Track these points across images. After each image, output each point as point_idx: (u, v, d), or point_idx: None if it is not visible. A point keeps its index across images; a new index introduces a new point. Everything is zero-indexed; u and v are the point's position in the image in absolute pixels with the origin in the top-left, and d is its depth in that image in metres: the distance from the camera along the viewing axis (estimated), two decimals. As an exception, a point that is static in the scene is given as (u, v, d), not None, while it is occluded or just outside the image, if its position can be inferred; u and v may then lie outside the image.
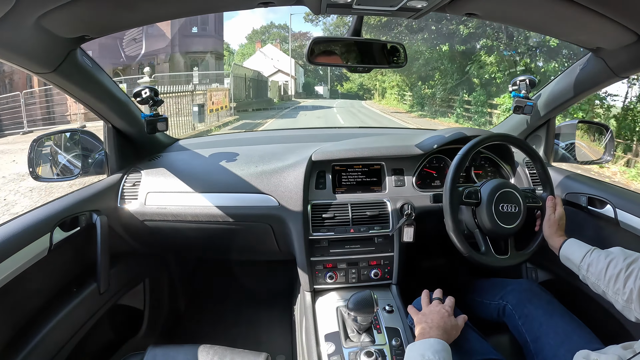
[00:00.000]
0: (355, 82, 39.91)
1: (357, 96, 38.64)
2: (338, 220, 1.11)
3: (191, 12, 0.81)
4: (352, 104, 24.32)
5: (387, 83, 22.06)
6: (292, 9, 33.62)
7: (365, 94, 37.33)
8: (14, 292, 0.79)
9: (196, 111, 9.33)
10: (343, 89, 42.78)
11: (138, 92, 1.13)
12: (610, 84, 1.06)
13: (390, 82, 20.85)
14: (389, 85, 21.97)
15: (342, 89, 43.05)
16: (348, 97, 36.98)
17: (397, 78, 18.76)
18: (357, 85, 40.48)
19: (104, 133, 1.16)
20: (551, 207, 0.98)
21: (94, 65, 0.95)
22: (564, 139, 1.36)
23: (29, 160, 1.05)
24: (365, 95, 37.22)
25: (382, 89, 25.76)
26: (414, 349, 0.74)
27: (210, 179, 1.18)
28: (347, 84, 42.20)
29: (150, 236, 1.21)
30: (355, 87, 40.91)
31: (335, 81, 43.85)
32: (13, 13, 0.57)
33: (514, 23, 0.93)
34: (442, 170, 1.26)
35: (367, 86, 35.64)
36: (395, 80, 19.64)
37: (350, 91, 40.94)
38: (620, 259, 0.76)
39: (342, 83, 43.48)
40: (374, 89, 31.43)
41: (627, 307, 0.72)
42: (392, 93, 22.04)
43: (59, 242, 0.91)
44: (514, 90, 1.22)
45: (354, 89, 41.08)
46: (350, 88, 41.71)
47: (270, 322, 1.59)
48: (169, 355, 0.90)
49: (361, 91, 39.11)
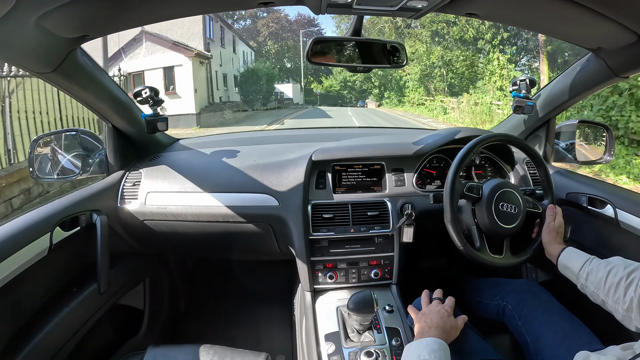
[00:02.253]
0: (337, 78, 28.08)
1: (340, 98, 28.42)
2: (338, 220, 1.11)
3: (191, 12, 0.81)
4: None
5: (411, 74, 16.34)
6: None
7: (353, 96, 27.64)
8: (14, 292, 0.79)
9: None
10: (322, 87, 29.80)
11: (138, 92, 1.13)
12: (611, 84, 1.06)
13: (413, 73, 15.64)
14: (413, 77, 16.79)
15: (320, 87, 29.78)
16: (329, 102, 26.93)
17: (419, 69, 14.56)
18: (338, 82, 28.58)
19: (104, 133, 1.16)
20: (551, 215, 0.98)
21: (94, 65, 0.95)
22: (564, 139, 1.36)
23: (29, 159, 1.06)
24: (353, 97, 27.61)
25: (397, 85, 19.80)
26: (411, 349, 0.74)
27: (211, 179, 1.18)
28: (328, 80, 29.37)
29: (151, 236, 1.21)
30: (337, 85, 29.09)
31: (309, 75, 29.42)
32: (13, 13, 0.57)
33: (514, 23, 0.93)
34: (442, 170, 1.26)
35: (353, 84, 26.14)
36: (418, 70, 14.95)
37: (331, 90, 29.38)
38: (621, 267, 0.75)
39: (321, 79, 29.89)
40: (373, 86, 24.73)
41: (628, 316, 0.71)
42: (414, 90, 16.92)
43: (59, 242, 0.91)
44: (514, 90, 1.22)
45: (334, 88, 29.25)
46: (330, 86, 29.50)
47: (270, 322, 1.59)
48: (169, 355, 0.90)
49: (345, 90, 28.37)
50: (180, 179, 1.17)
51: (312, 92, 29.08)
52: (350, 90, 28.81)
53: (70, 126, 5.03)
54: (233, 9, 0.86)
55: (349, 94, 28.95)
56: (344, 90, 28.83)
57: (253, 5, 0.77)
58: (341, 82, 28.81)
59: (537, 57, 11.69)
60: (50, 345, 0.87)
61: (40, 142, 1.09)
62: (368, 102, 26.74)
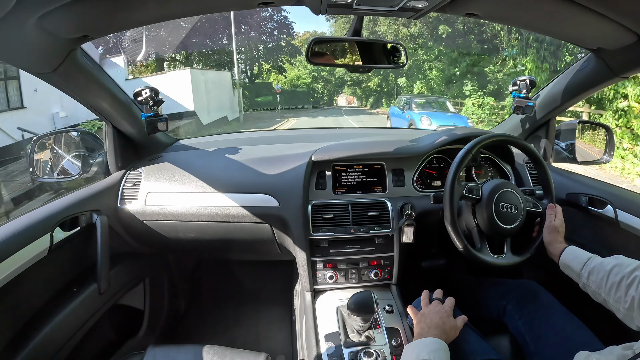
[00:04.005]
0: (308, 65, 14.44)
1: (311, 95, 17.66)
2: (338, 220, 1.11)
3: (192, 12, 0.81)
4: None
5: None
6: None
7: (327, 90, 17.75)
8: (14, 292, 0.79)
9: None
10: (284, 80, 17.83)
11: (138, 92, 1.13)
12: (611, 84, 1.06)
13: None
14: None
15: (282, 80, 17.65)
16: (297, 101, 16.69)
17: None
18: (309, 71, 17.75)
19: (105, 133, 1.16)
20: (552, 214, 0.97)
21: (94, 65, 0.94)
22: (564, 139, 1.36)
23: (30, 159, 1.06)
24: (326, 93, 17.94)
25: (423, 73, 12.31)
26: (411, 349, 0.74)
27: (211, 179, 1.18)
28: (294, 69, 18.05)
29: (151, 236, 1.21)
30: (307, 76, 18.24)
31: (257, 61, 16.52)
32: (13, 13, 0.57)
33: (514, 23, 0.93)
34: (442, 170, 1.26)
35: (331, 74, 15.59)
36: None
37: (299, 84, 18.18)
38: (622, 266, 0.75)
39: (283, 66, 17.38)
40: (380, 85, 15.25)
41: (629, 315, 0.71)
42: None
43: (59, 242, 0.91)
44: (514, 91, 1.22)
45: (304, 80, 18.15)
46: (297, 78, 18.36)
47: (270, 322, 1.59)
48: (169, 355, 0.90)
49: (319, 82, 17.69)
50: (181, 179, 1.17)
51: (269, 89, 16.70)
52: (326, 84, 18.84)
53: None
54: (233, 9, 0.86)
55: (324, 87, 18.97)
56: (318, 83, 18.44)
57: (253, 6, 0.77)
58: (314, 71, 17.61)
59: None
60: (50, 345, 0.87)
61: (40, 142, 1.09)
62: (346, 97, 18.78)
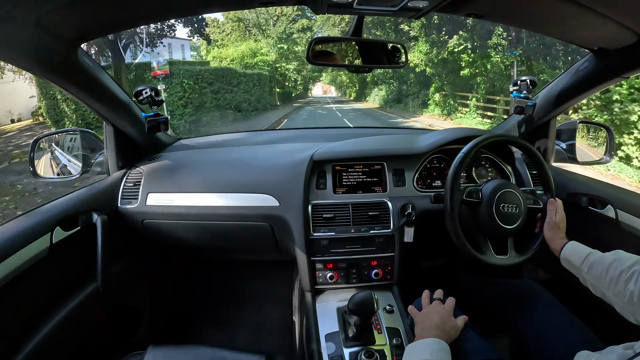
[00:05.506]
0: (271, 33, 11.29)
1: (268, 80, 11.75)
2: (339, 220, 1.11)
3: (191, 12, 0.82)
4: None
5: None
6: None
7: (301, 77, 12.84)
8: (14, 292, 0.79)
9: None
10: (218, 56, 13.07)
11: (139, 92, 1.13)
12: (611, 84, 1.06)
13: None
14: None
15: (217, 55, 13.12)
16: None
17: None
18: (273, 45, 12.74)
19: (105, 133, 1.16)
20: (552, 209, 0.97)
21: (94, 65, 0.94)
22: (564, 139, 1.36)
23: (30, 159, 1.06)
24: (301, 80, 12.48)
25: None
26: (412, 349, 0.74)
27: (211, 179, 1.17)
28: (225, 48, 13.37)
29: (151, 236, 1.21)
30: (273, 54, 12.99)
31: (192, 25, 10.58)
32: (13, 13, 0.57)
33: (514, 23, 0.93)
34: (442, 170, 1.26)
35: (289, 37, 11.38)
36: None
37: (256, 65, 12.79)
38: (622, 261, 0.76)
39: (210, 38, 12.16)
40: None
41: (627, 309, 0.72)
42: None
43: (59, 242, 0.91)
44: (515, 91, 1.22)
45: (266, 59, 13.06)
46: (255, 53, 13.17)
47: (270, 322, 1.59)
48: (169, 355, 0.90)
49: (286, 81, 12.96)
50: (181, 179, 1.17)
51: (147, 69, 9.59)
52: (301, 66, 13.27)
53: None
54: (233, 9, 0.86)
55: (296, 72, 13.59)
56: (289, 64, 13.26)
57: (253, 5, 0.77)
58: (280, 37, 12.60)
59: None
60: (50, 345, 0.87)
61: (41, 141, 1.09)
62: (322, 86, 14.56)
